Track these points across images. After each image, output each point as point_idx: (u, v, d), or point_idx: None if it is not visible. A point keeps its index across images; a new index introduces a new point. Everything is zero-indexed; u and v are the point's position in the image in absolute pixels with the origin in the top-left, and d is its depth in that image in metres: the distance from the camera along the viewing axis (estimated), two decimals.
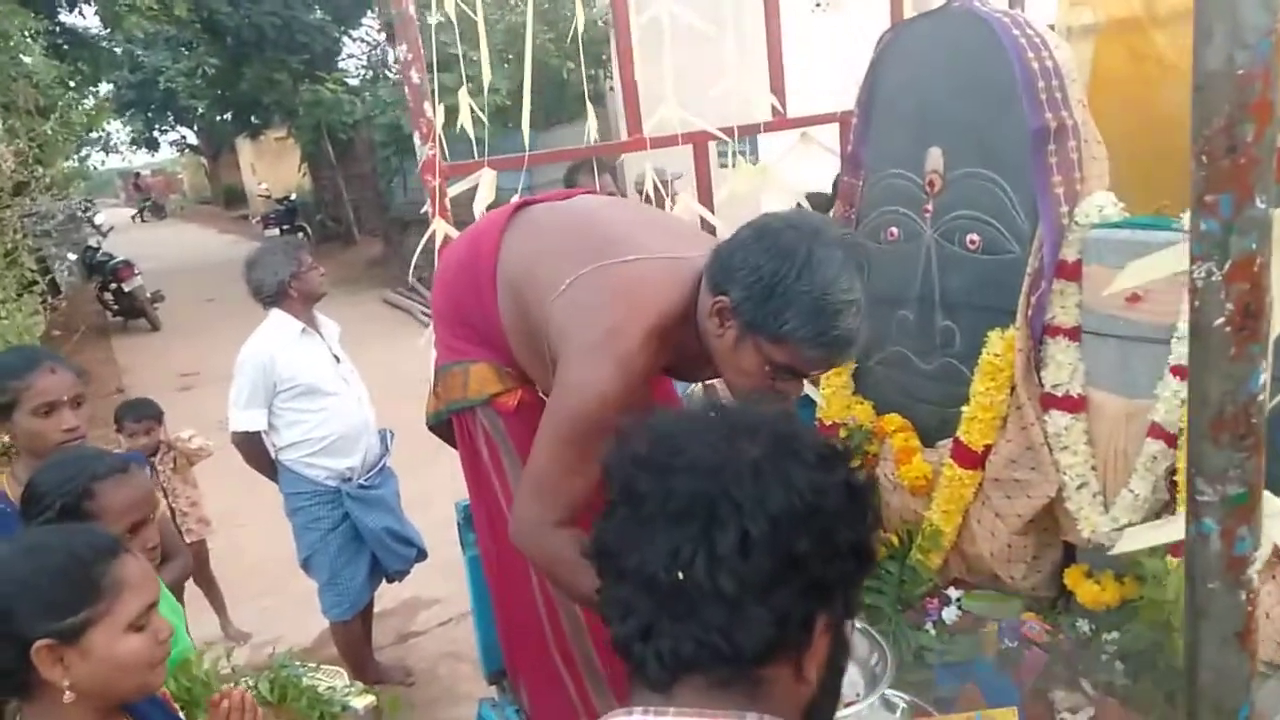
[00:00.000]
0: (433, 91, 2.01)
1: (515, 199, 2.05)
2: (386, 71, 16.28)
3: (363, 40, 16.66)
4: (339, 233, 16.47)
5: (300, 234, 15.48)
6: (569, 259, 1.59)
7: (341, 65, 16.30)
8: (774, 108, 2.42)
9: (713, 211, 2.39)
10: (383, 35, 15.97)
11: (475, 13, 2.07)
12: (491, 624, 2.15)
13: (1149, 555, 1.81)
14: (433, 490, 4.29)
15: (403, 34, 1.90)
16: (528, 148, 2.12)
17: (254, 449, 3.23)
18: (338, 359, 3.30)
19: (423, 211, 2.04)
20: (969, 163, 2.12)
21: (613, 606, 0.75)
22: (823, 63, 2.69)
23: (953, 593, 2.14)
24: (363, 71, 16.70)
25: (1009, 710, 1.85)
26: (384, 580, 3.55)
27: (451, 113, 2.10)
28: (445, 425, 1.93)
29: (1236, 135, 0.59)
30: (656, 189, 2.28)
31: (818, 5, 7.38)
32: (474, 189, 2.14)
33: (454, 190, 2.05)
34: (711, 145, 2.38)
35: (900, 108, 2.26)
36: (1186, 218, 1.79)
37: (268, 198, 19.66)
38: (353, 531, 3.31)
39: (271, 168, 23.34)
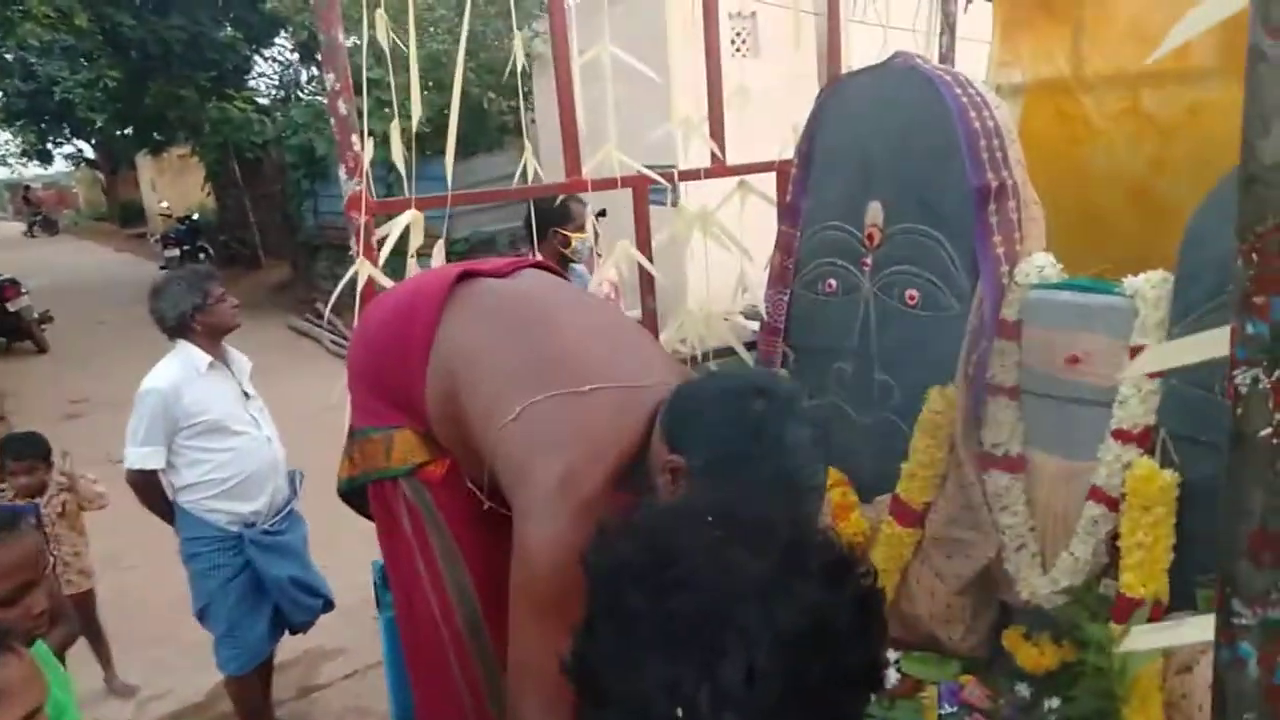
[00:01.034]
0: (362, 123, 1.89)
1: (441, 252, 1.93)
2: (299, 92, 15.87)
3: (275, 59, 16.23)
4: (244, 255, 15.90)
5: (202, 255, 14.90)
6: (519, 376, 1.47)
7: (252, 84, 15.82)
8: (713, 154, 2.38)
9: (650, 258, 2.33)
10: (296, 55, 15.58)
11: (403, 39, 1.97)
12: (408, 690, 2.00)
13: (1089, 620, 1.80)
14: (340, 530, 4.09)
15: (330, 62, 1.79)
16: (448, 177, 2.02)
17: (151, 489, 3.01)
18: (247, 395, 3.11)
19: (352, 254, 1.91)
20: (909, 218, 2.11)
21: None
22: (741, 107, 2.68)
23: (891, 655, 2.10)
24: (274, 91, 16.24)
25: None
26: (286, 632, 3.34)
27: (377, 143, 1.98)
28: (358, 492, 1.79)
29: None
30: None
31: (736, 51, 7.49)
32: (388, 231, 2.02)
33: (386, 234, 1.92)
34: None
35: (840, 160, 2.24)
36: (1129, 282, 1.81)
37: (169, 216, 18.93)
38: (254, 580, 3.10)
39: (173, 185, 22.48)
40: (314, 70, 15.30)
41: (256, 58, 15.61)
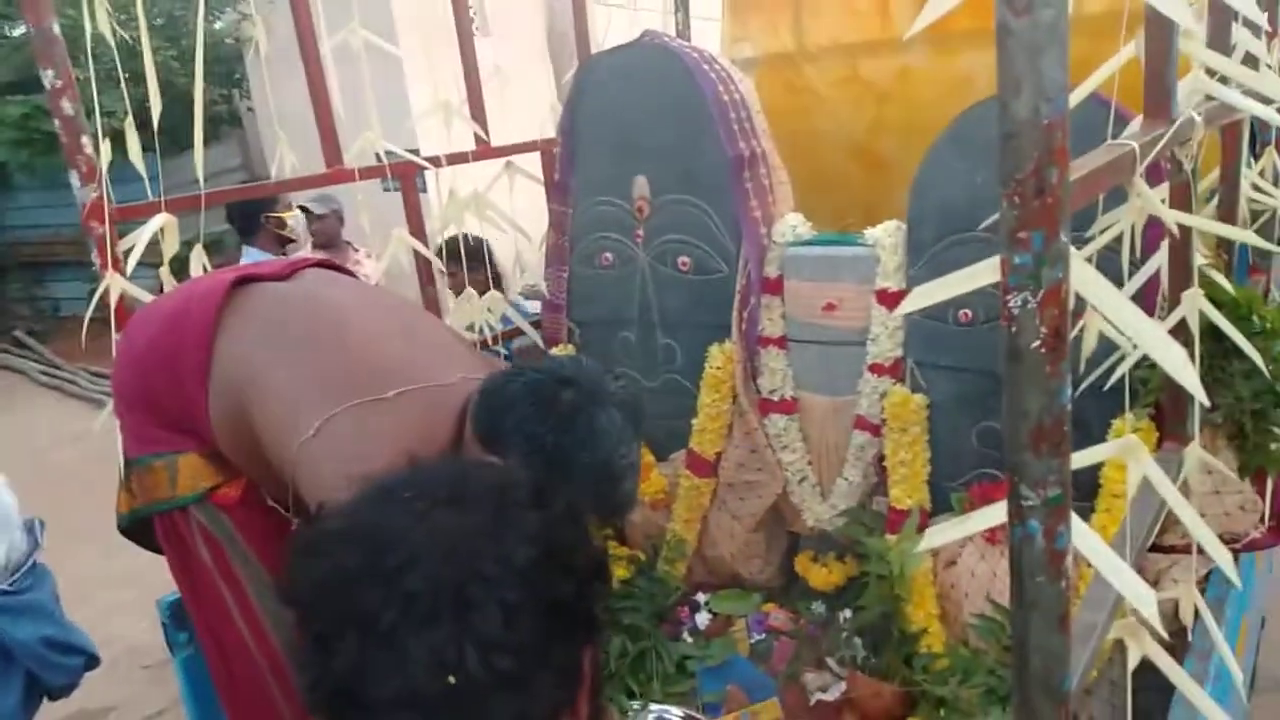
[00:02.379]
0: (94, 122, 1.71)
1: (202, 257, 1.80)
2: None
3: None
4: None
5: None
6: (313, 389, 1.39)
7: None
8: (477, 135, 2.37)
9: (426, 244, 2.28)
10: None
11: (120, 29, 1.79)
12: None
13: (867, 535, 2.02)
14: (88, 579, 3.72)
15: (46, 58, 1.58)
16: (200, 174, 1.87)
17: None
18: None
19: (96, 269, 1.71)
20: (674, 189, 2.23)
21: None
22: (501, 88, 2.68)
23: (700, 597, 2.24)
24: None
25: (770, 703, 1.97)
26: (45, 699, 2.98)
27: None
28: (142, 525, 1.64)
29: (1044, 178, 0.66)
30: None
31: (476, 29, 7.42)
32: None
33: (134, 246, 1.74)
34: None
35: (603, 137, 2.32)
36: (869, 233, 2.03)
37: None
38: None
39: None
40: None
41: None
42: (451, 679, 0.60)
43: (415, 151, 2.29)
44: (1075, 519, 0.80)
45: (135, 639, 3.89)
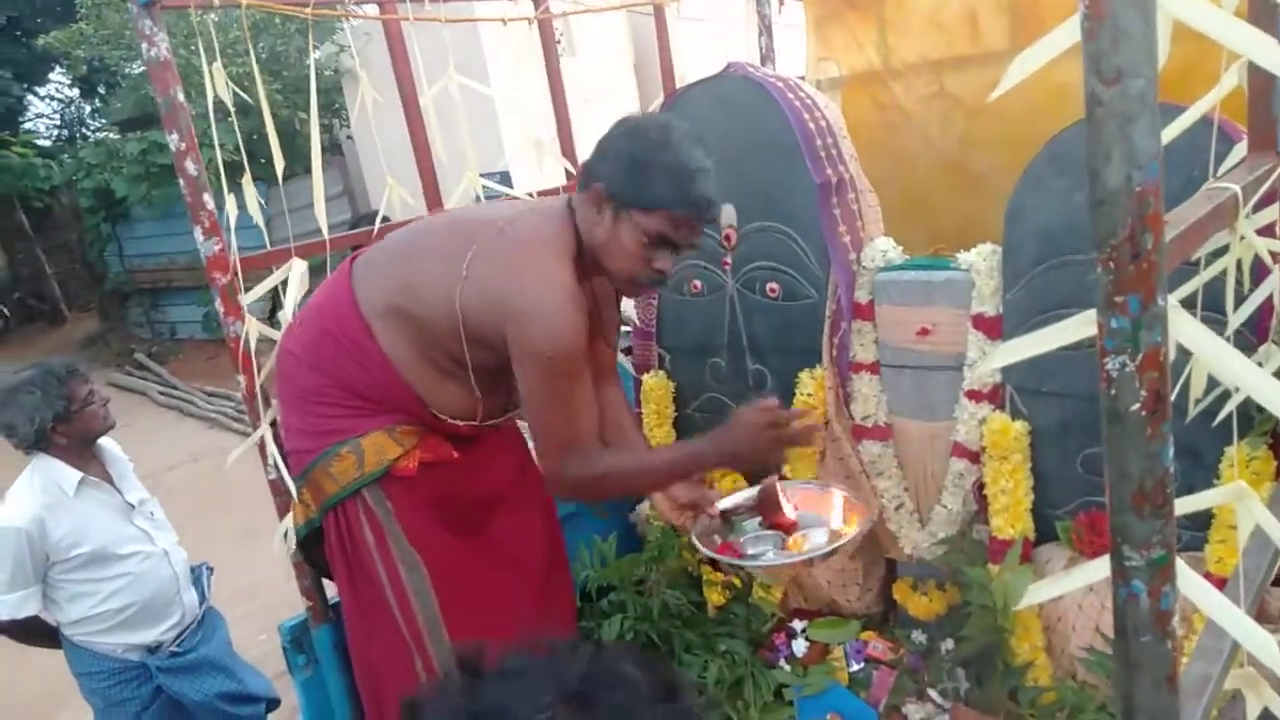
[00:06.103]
0: (219, 185, 1.82)
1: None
2: (84, 130, 14.71)
3: (53, 98, 14.95)
4: (44, 311, 14.59)
5: None
6: (449, 254, 1.62)
7: (29, 126, 14.51)
8: (567, 171, 2.43)
9: None
10: (76, 91, 14.42)
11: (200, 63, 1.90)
12: None
13: (968, 564, 1.98)
14: (256, 582, 3.91)
15: (172, 123, 1.71)
16: (321, 221, 1.98)
17: (29, 632, 2.50)
18: (133, 506, 2.58)
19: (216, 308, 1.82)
20: (761, 217, 2.24)
21: None
22: (591, 123, 2.72)
23: (797, 624, 2.23)
24: (56, 131, 14.97)
25: None
26: None
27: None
28: (314, 537, 1.80)
29: (1139, 244, 0.66)
30: None
31: (562, 50, 7.55)
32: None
33: (258, 291, 1.86)
34: None
35: None
36: (963, 257, 2.00)
37: None
38: (173, 703, 2.62)
39: None
40: (98, 103, 14.22)
41: (31, 97, 14.32)
42: None
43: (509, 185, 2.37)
44: (1183, 567, 0.79)
45: (254, 651, 4.08)
